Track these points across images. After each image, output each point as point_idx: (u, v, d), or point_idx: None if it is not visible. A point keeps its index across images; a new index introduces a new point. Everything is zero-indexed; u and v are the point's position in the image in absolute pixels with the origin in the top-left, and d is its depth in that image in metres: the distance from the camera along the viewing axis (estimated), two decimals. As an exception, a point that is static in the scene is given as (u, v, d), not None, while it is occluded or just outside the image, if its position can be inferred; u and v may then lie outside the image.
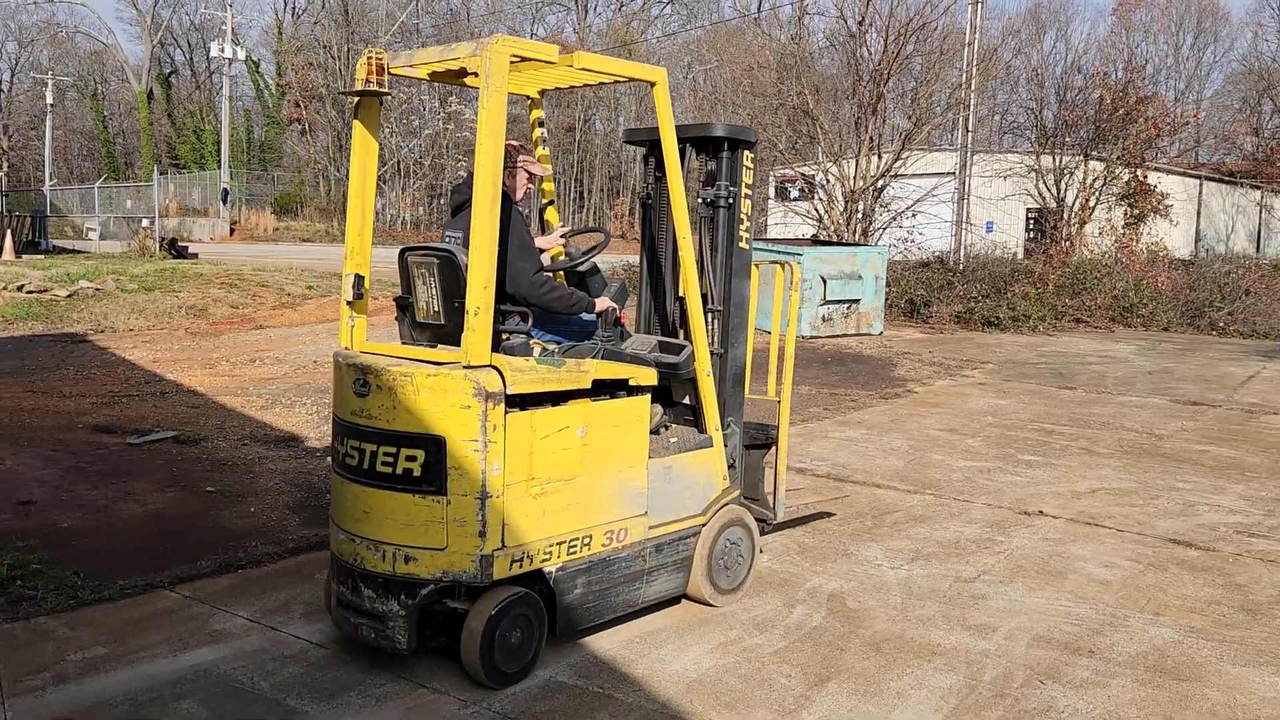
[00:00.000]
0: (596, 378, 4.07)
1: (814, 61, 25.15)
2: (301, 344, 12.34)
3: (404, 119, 42.83)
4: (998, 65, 31.11)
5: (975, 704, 3.83)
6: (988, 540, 5.84)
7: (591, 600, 4.14)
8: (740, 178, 4.79)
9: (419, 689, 3.82)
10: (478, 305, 3.68)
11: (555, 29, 57.51)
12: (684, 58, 52.80)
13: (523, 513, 3.83)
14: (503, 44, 3.77)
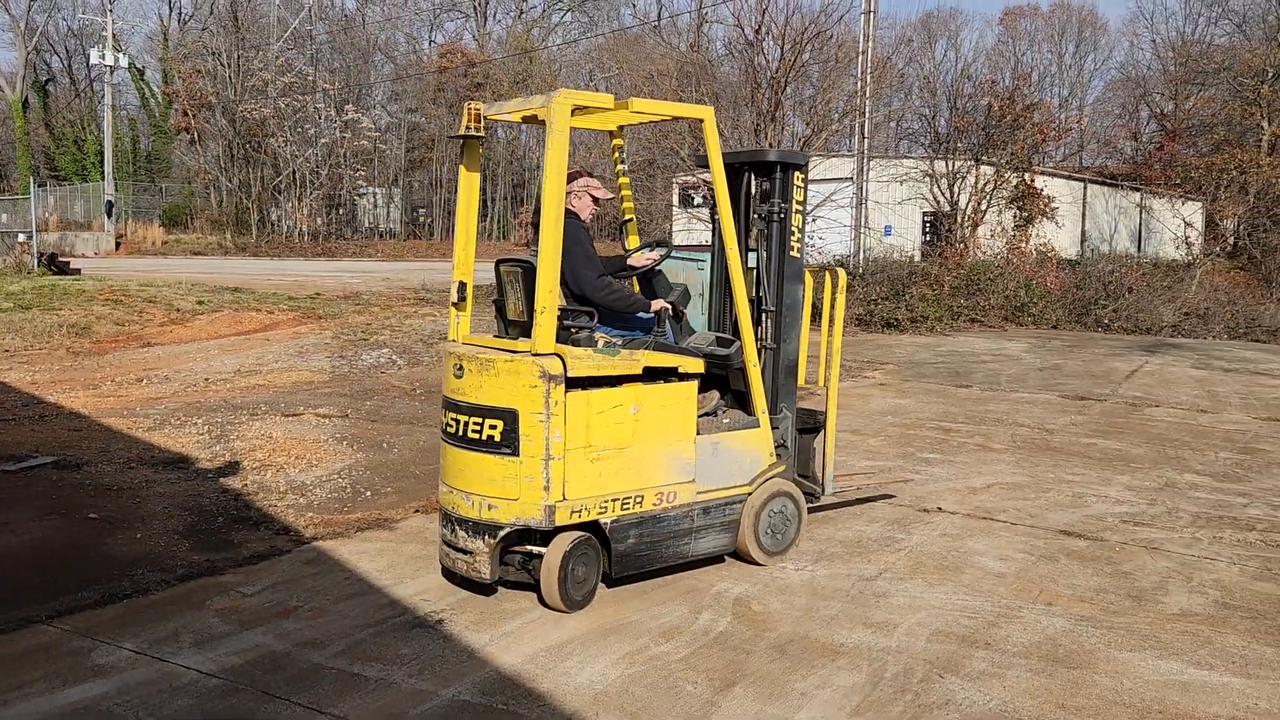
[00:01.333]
0: (647, 365, 4.83)
1: (714, 69, 25.44)
2: (192, 361, 11.92)
3: (298, 127, 41.85)
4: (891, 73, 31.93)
5: (878, 700, 3.88)
6: (889, 538, 5.94)
7: (644, 550, 4.91)
8: (791, 195, 5.54)
9: (317, 715, 3.70)
10: (543, 305, 4.53)
11: (454, 36, 56.99)
12: (585, 65, 52.88)
13: (581, 473, 4.65)
14: (565, 96, 4.61)
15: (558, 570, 4.61)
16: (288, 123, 41.41)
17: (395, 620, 4.59)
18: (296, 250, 38.63)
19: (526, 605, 4.79)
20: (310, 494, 6.58)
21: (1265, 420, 10.14)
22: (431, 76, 49.01)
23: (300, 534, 5.77)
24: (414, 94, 49.87)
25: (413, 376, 11.24)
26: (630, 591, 5.00)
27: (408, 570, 5.23)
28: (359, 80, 48.96)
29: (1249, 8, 44.11)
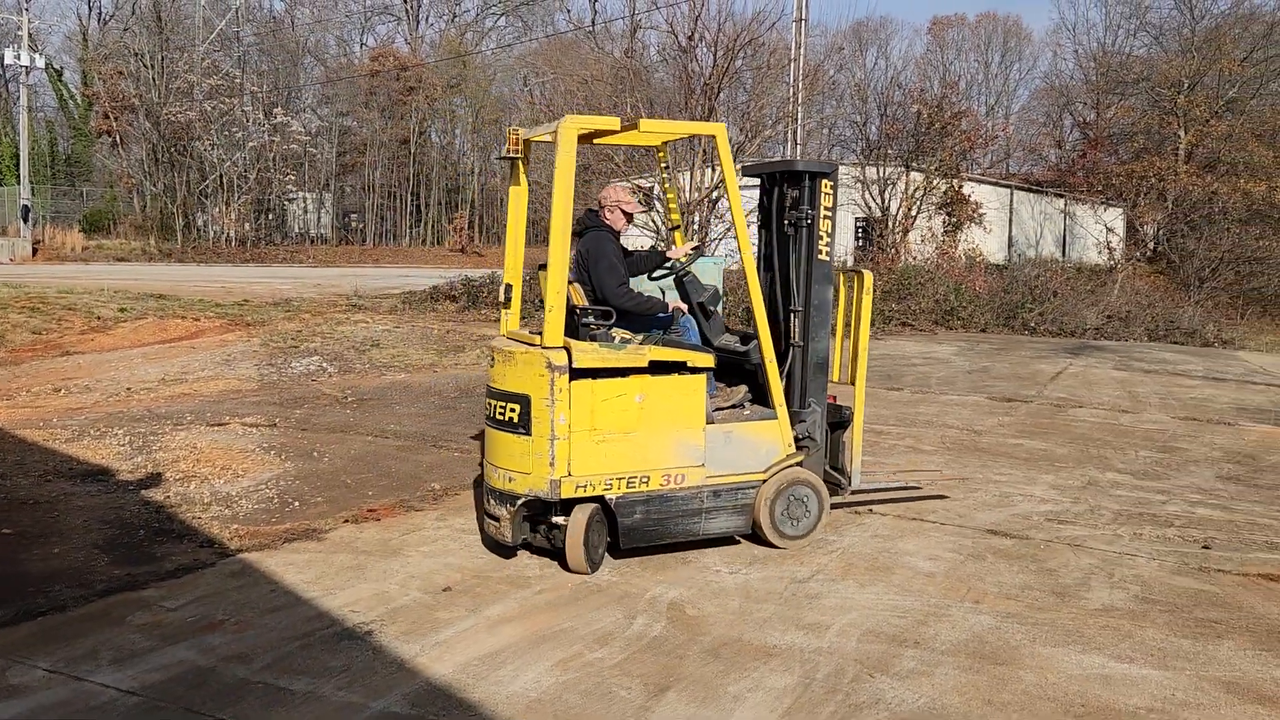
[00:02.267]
0: (652, 359, 5.32)
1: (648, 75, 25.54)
2: (114, 370, 11.58)
3: (225, 131, 40.98)
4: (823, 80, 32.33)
5: (809, 701, 3.91)
6: (821, 540, 6.00)
7: (651, 525, 5.39)
8: (819, 202, 5.85)
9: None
10: (551, 304, 5.18)
11: (385, 39, 56.37)
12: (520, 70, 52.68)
13: (585, 452, 5.19)
14: (570, 121, 5.32)
15: (582, 535, 5.19)
16: (214, 126, 40.51)
17: (324, 632, 4.50)
18: (224, 256, 37.82)
19: (459, 615, 4.74)
20: (236, 505, 6.43)
21: (1183, 419, 10.47)
22: (363, 80, 48.41)
23: (225, 546, 5.63)
24: (345, 97, 49.18)
25: (344, 384, 11.07)
26: (565, 598, 4.98)
27: (337, 581, 5.14)
28: (288, 83, 48.13)
29: (1166, 21, 45.67)
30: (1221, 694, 4.07)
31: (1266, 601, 5.13)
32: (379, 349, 13.45)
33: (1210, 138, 37.62)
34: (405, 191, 49.81)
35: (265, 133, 41.57)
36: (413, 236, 50.58)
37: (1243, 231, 33.21)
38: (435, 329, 15.61)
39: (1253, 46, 39.82)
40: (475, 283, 19.96)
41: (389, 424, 9.06)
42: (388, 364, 12.49)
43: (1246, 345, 21.53)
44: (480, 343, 14.59)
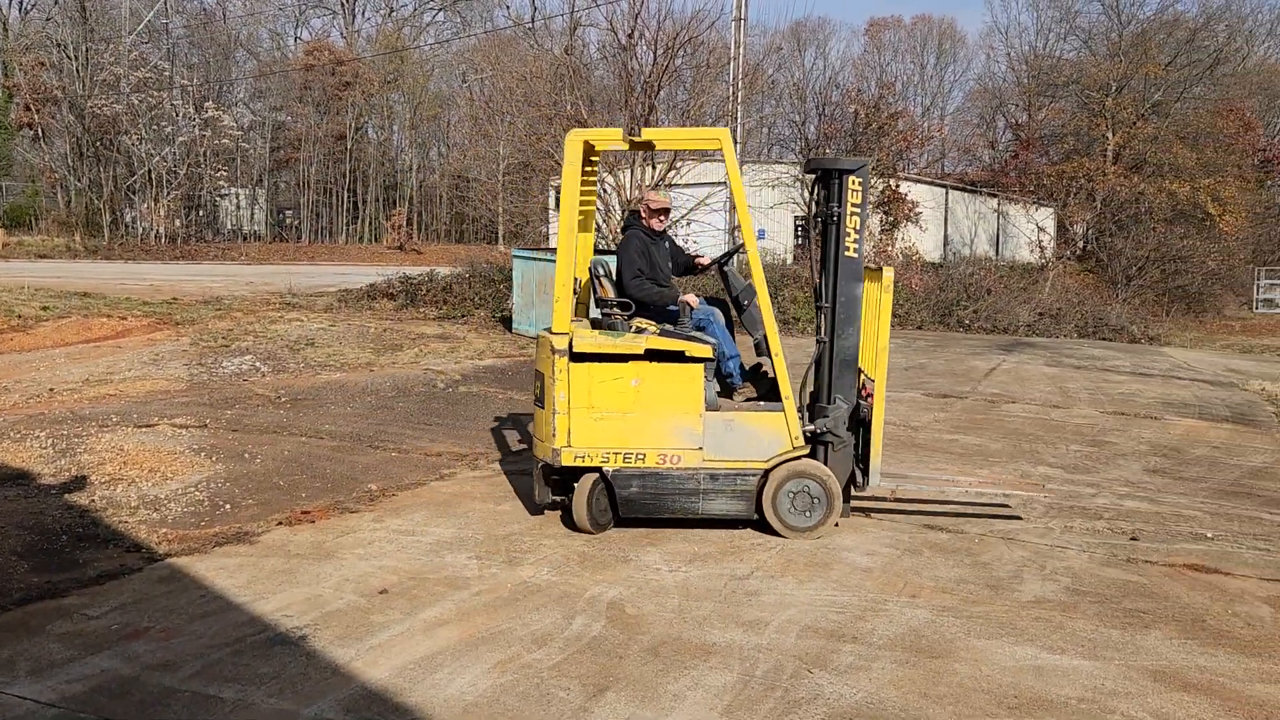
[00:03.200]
0: (649, 347, 5.75)
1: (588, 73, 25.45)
2: (35, 370, 11.21)
3: (154, 125, 39.96)
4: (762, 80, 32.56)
5: (749, 699, 3.91)
6: (761, 537, 6.02)
7: (647, 499, 5.87)
8: (846, 199, 5.89)
9: (166, 743, 3.50)
10: (558, 295, 5.82)
11: (321, 33, 55.45)
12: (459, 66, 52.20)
13: (584, 427, 5.78)
14: (575, 135, 6.04)
15: (585, 499, 5.84)
16: (142, 120, 39.50)
17: (254, 638, 4.39)
18: (153, 253, 36.87)
19: (395, 617, 4.65)
20: (164, 508, 6.25)
21: (1112, 414, 10.72)
22: (297, 74, 47.55)
23: (153, 551, 5.47)
24: (279, 92, 48.28)
25: (278, 384, 10.85)
26: (503, 599, 4.92)
27: (269, 586, 5.02)
28: (220, 76, 47.11)
29: (1094, 25, 46.76)
30: (1149, 683, 4.16)
31: (1191, 591, 5.27)
32: (314, 348, 13.21)
33: (1137, 139, 38.65)
34: (341, 188, 49.07)
35: (196, 127, 40.62)
36: (349, 234, 49.85)
37: (1167, 231, 34.20)
38: (372, 327, 15.38)
39: (1176, 51, 40.98)
40: (414, 280, 19.73)
41: (324, 424, 8.90)
42: (323, 363, 12.27)
43: (1171, 341, 22.17)
44: (418, 341, 14.41)
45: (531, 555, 5.60)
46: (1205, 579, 5.47)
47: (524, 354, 13.86)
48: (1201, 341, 23.79)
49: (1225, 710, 3.94)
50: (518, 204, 30.92)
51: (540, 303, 15.51)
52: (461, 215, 49.48)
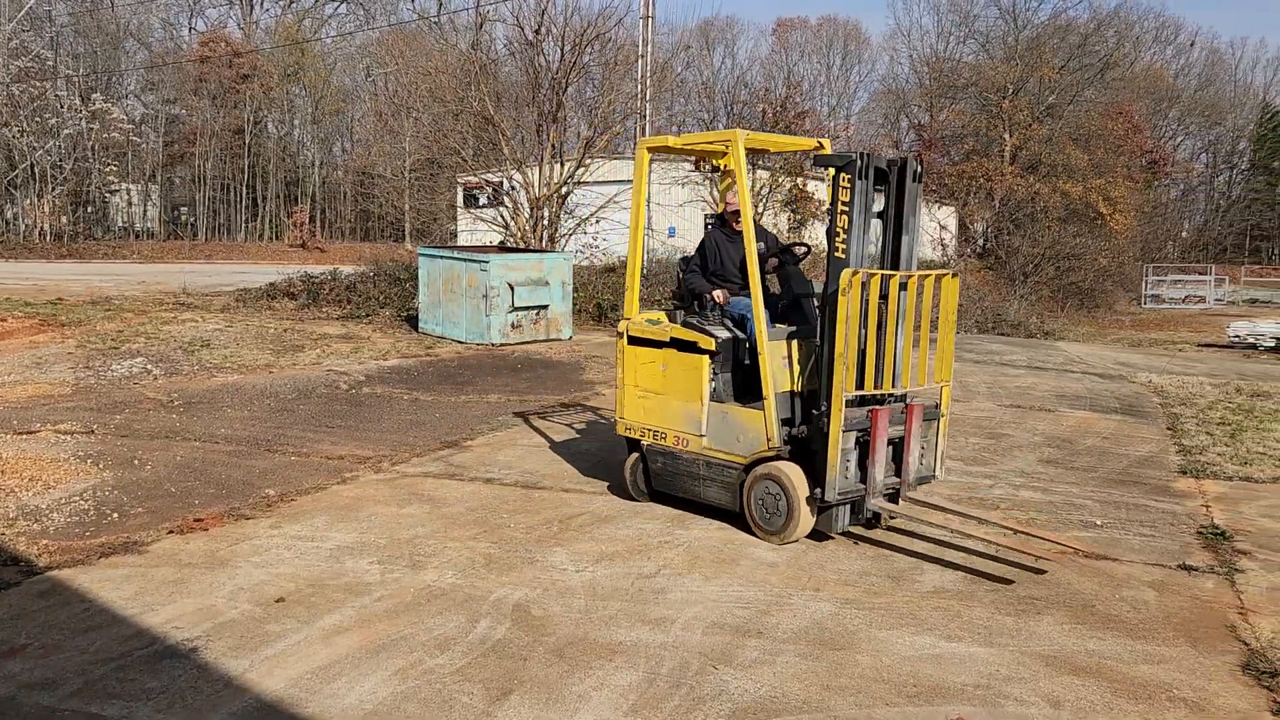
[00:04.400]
0: (672, 336, 6.28)
1: (496, 69, 25.22)
2: (-92, 375, 10.60)
3: (37, 117, 38.22)
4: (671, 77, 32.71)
5: (654, 697, 3.90)
6: (668, 535, 6.02)
7: (668, 476, 6.44)
8: (837, 196, 5.71)
9: (43, 766, 3.33)
10: (628, 285, 6.80)
11: (217, 24, 53.76)
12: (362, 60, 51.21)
13: (632, 403, 6.56)
14: (644, 141, 6.70)
15: (629, 469, 6.67)
16: (23, 111, 37.75)
17: (142, 652, 4.21)
18: (37, 252, 35.28)
19: (292, 626, 4.52)
20: (46, 519, 5.97)
21: (1008, 407, 11.04)
22: (192, 66, 46.03)
23: (32, 564, 5.21)
24: (173, 84, 46.66)
25: (170, 387, 10.46)
26: (405, 604, 4.82)
27: (159, 597, 4.83)
28: (108, 67, 45.29)
29: (991, 29, 48.24)
30: (1041, 667, 4.28)
31: (1081, 578, 5.44)
32: (209, 349, 12.79)
33: (1032, 141, 40.01)
34: (240, 184, 47.66)
35: (82, 120, 38.99)
36: (249, 231, 48.46)
37: (1062, 229, 35.50)
38: (272, 328, 14.96)
39: (1069, 56, 42.56)
40: (316, 279, 19.27)
41: (219, 428, 8.61)
42: (219, 365, 11.88)
43: (1065, 336, 22.98)
44: (320, 341, 14.08)
45: (436, 559, 5.50)
46: (1095, 565, 5.66)
47: (430, 354, 13.65)
48: (1094, 336, 24.73)
49: (1112, 691, 4.07)
50: (425, 201, 30.48)
51: (447, 301, 15.31)
52: (367, 213, 48.54)
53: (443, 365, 12.76)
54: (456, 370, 12.43)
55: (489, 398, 10.61)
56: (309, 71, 49.19)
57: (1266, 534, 6.31)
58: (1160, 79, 55.83)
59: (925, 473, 6.00)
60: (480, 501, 6.67)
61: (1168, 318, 34.37)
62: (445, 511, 6.40)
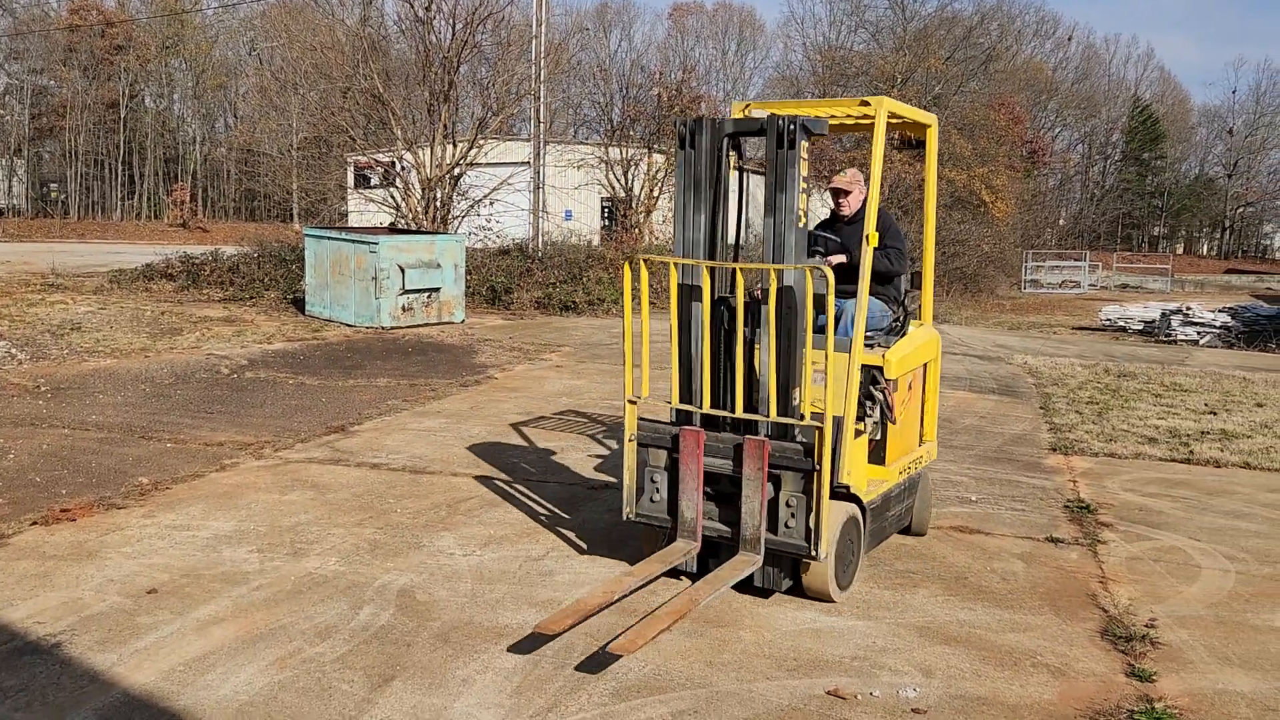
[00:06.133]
0: None
1: (387, 45, 24.63)
2: None
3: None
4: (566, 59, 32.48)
5: (538, 679, 3.90)
6: (557, 517, 6.02)
7: None
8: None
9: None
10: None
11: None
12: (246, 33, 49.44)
13: None
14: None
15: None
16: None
17: (0, 649, 4.01)
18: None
19: (165, 618, 4.37)
20: (-105, 512, 5.63)
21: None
22: (60, 34, 43.70)
23: (-121, 560, 4.91)
24: (39, 53, 44.25)
25: (37, 372, 9.96)
26: (285, 593, 4.71)
27: (19, 591, 4.61)
28: (-30, 34, 42.70)
29: (881, 20, 49.27)
30: (915, 638, 4.43)
31: (956, 551, 5.65)
32: (80, 333, 12.22)
33: (918, 130, 41.07)
34: (115, 160, 45.57)
35: None
36: (125, 210, 46.43)
37: (947, 216, 36.58)
38: (149, 310, 14.38)
39: (954, 48, 43.81)
40: (196, 260, 18.59)
41: (90, 415, 8.25)
42: (91, 349, 11.36)
43: (949, 319, 23.71)
44: (200, 324, 13.59)
45: (318, 545, 5.38)
46: (969, 539, 5.88)
47: (317, 337, 13.32)
48: (976, 319, 25.59)
49: (981, 659, 4.24)
50: (313, 181, 29.64)
51: (335, 283, 14.95)
52: (252, 192, 46.99)
53: (330, 349, 12.47)
54: (345, 354, 12.16)
55: (378, 382, 10.42)
56: (189, 44, 47.27)
57: (1127, 507, 6.66)
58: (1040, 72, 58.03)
59: (791, 541, 4.55)
60: (366, 487, 6.55)
61: (1045, 302, 35.87)
62: (330, 498, 6.27)
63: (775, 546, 4.62)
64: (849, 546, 4.84)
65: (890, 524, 5.43)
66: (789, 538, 4.57)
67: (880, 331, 5.39)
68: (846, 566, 4.86)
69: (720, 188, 4.81)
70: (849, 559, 4.88)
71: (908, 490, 5.58)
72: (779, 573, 4.77)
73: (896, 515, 5.49)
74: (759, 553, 4.61)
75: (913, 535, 5.82)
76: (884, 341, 5.32)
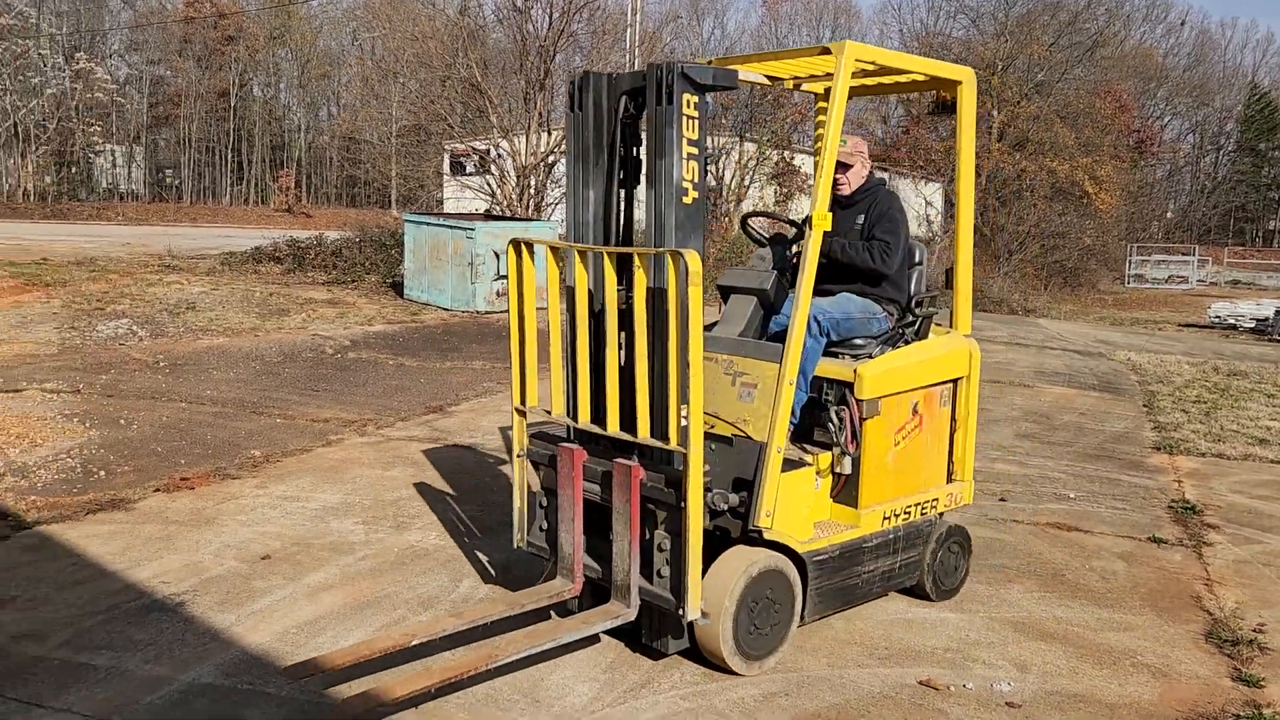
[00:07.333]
0: None
1: (484, 35, 25.03)
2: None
3: (20, 75, 37.75)
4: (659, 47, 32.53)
5: (631, 656, 3.99)
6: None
7: None
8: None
9: (34, 710, 3.39)
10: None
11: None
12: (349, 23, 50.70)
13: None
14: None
15: None
16: (6, 70, 37.26)
17: (129, 605, 4.28)
18: (20, 212, 34.94)
19: (278, 583, 4.59)
20: (33, 475, 6.01)
21: (987, 382, 11.14)
22: (177, 26, 45.48)
23: (20, 518, 5.26)
24: (157, 44, 46.13)
25: (156, 349, 10.46)
26: (389, 563, 4.90)
27: (145, 552, 4.89)
28: (92, 26, 44.71)
29: (982, 4, 48.00)
30: (1010, 633, 4.40)
31: (1053, 548, 5.57)
32: (195, 312, 12.77)
33: (1020, 118, 39.98)
34: (225, 147, 47.29)
35: (66, 79, 38.54)
36: (234, 195, 48.15)
37: (1048, 208, 35.62)
38: (258, 292, 14.93)
39: (1058, 34, 42.49)
40: (302, 244, 19.20)
41: (205, 390, 8.64)
42: (205, 328, 11.88)
43: (1048, 313, 23.16)
44: (306, 306, 14.07)
45: (419, 520, 5.57)
46: (1066, 536, 5.79)
47: (415, 320, 13.67)
48: (1076, 314, 24.89)
49: (1078, 656, 4.19)
50: (411, 168, 30.31)
51: (433, 268, 15.30)
52: (353, 178, 48.27)
53: (428, 332, 12.80)
54: (442, 337, 12.47)
55: (474, 364, 10.66)
56: (295, 34, 48.69)
57: (1235, 509, 6.46)
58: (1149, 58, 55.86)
59: (659, 592, 3.73)
60: (464, 465, 6.74)
61: (1150, 297, 34.63)
62: (429, 474, 6.47)
63: (646, 597, 3.76)
64: (768, 607, 3.87)
65: (865, 583, 4.32)
66: (661, 588, 3.73)
67: (872, 339, 4.42)
68: (762, 631, 3.88)
69: (618, 159, 4.01)
70: (770, 622, 3.90)
71: (905, 542, 4.45)
72: (664, 628, 3.86)
73: (881, 572, 4.38)
74: (629, 604, 3.76)
75: (924, 599, 4.66)
76: (875, 351, 4.38)
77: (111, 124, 42.96)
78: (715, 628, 3.73)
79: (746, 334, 4.38)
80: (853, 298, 4.49)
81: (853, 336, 4.37)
